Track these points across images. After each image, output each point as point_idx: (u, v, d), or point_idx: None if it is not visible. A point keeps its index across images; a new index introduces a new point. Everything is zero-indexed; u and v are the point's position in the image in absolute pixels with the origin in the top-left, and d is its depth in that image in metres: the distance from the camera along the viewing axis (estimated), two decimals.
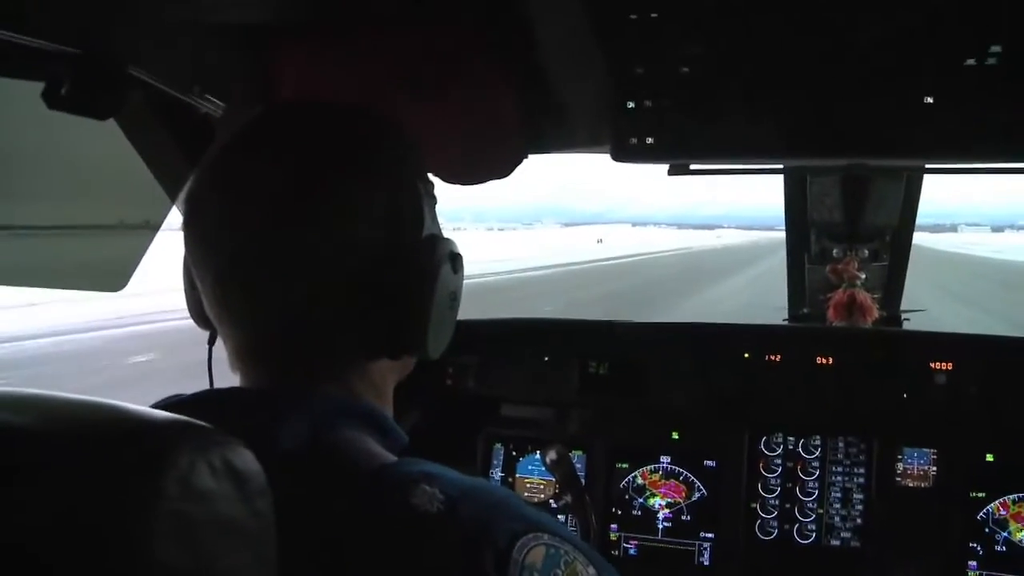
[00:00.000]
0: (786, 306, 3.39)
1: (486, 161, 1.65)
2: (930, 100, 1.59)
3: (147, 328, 17.17)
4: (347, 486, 0.99)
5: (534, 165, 1.82)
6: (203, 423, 0.77)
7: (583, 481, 2.36)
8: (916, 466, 2.31)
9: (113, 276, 1.90)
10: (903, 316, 3.19)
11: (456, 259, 1.15)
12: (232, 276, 1.08)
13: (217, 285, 1.09)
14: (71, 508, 0.69)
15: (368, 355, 1.13)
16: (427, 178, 1.19)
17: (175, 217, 1.88)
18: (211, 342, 1.25)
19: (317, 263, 1.06)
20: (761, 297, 17.43)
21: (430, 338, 1.12)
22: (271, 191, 1.06)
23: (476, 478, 1.05)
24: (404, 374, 1.24)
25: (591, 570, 0.98)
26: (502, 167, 1.67)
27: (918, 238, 3.19)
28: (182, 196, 1.74)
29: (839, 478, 2.37)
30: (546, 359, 2.50)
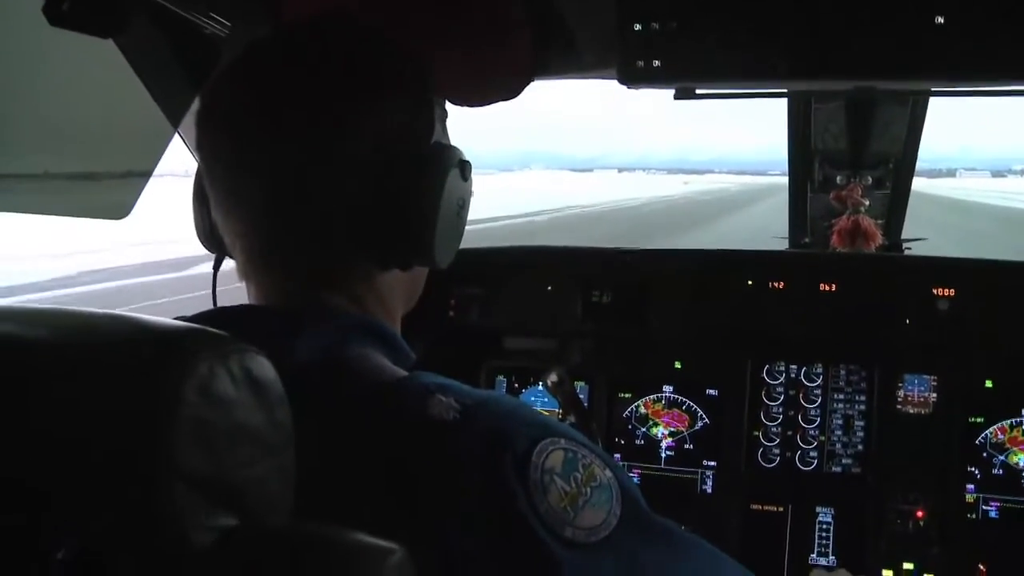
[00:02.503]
0: (786, 235, 3.40)
1: (493, 82, 1.63)
2: (941, 20, 1.57)
3: None
4: (363, 398, 1.00)
5: (524, 104, 1.80)
6: (220, 332, 0.77)
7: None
8: (916, 392, 2.33)
9: (117, 205, 1.89)
10: (904, 245, 3.20)
11: (464, 166, 1.16)
12: (243, 183, 1.09)
13: (228, 179, 1.11)
14: (90, 416, 0.70)
15: (377, 264, 1.14)
16: (437, 94, 1.19)
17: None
18: (217, 265, 1.25)
19: (328, 165, 1.07)
20: None
21: (437, 244, 1.12)
22: (284, 99, 1.08)
23: (488, 390, 1.06)
24: (413, 297, 1.25)
25: (607, 472, 1.00)
26: (509, 89, 1.66)
27: (914, 184, 3.18)
28: (187, 121, 1.74)
29: (840, 405, 2.39)
30: (549, 288, 2.50)
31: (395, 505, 0.93)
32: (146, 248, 18.44)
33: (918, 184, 3.25)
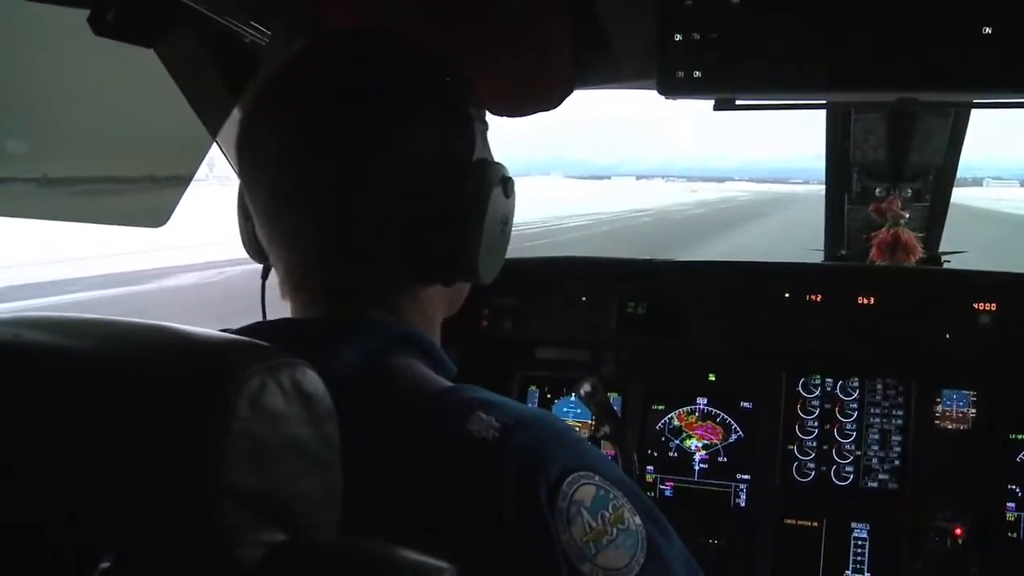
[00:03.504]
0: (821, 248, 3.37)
1: (534, 93, 1.63)
2: (988, 30, 1.55)
3: None
4: (404, 411, 1.00)
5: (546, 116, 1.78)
6: (267, 344, 0.76)
7: None
8: (956, 408, 2.30)
9: (155, 212, 1.90)
10: (943, 257, 3.16)
11: (507, 183, 1.15)
12: (286, 200, 1.09)
13: (271, 214, 1.10)
14: (139, 430, 0.69)
15: (420, 281, 1.14)
16: (478, 105, 1.19)
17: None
18: (264, 275, 1.25)
19: (370, 187, 1.06)
20: None
21: (482, 262, 1.12)
22: (326, 116, 1.07)
23: (536, 408, 1.05)
24: (454, 307, 1.25)
25: (637, 519, 0.98)
26: (550, 99, 1.65)
27: None
28: (226, 129, 1.74)
29: (877, 420, 2.36)
30: (584, 299, 2.49)
31: (433, 520, 0.93)
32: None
33: None
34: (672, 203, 62.16)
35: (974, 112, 2.72)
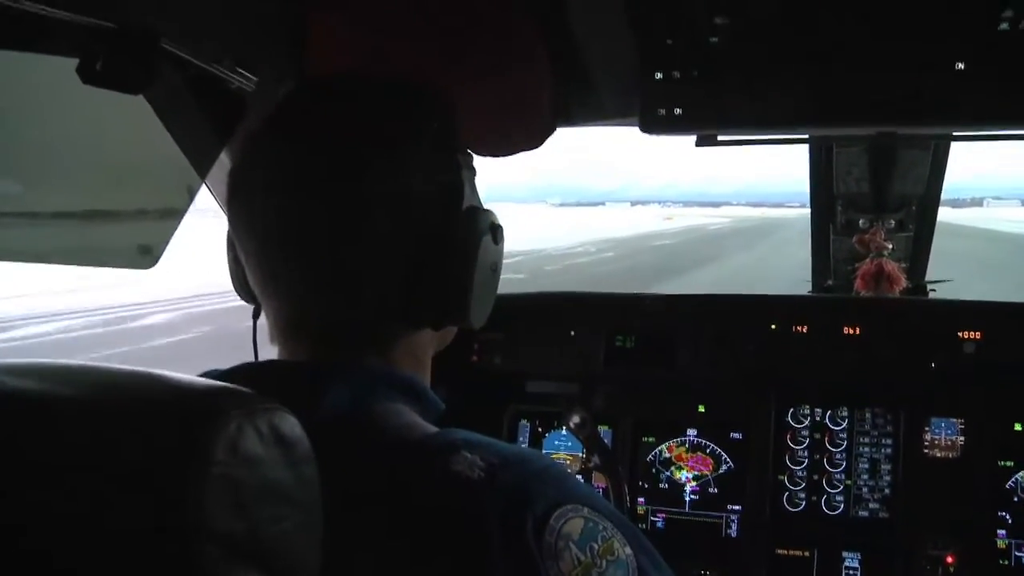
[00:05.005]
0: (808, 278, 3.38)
1: (517, 133, 1.65)
2: (961, 66, 1.58)
3: None
4: (388, 454, 1.00)
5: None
6: (247, 390, 0.77)
7: None
8: (944, 436, 2.31)
9: (144, 254, 1.91)
10: (929, 287, 3.18)
11: (496, 230, 1.17)
12: (276, 250, 1.10)
13: (262, 260, 1.11)
14: (121, 475, 0.70)
15: (410, 326, 1.15)
16: (465, 150, 1.20)
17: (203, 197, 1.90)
18: (256, 316, 1.26)
19: (360, 236, 1.08)
20: None
21: (472, 308, 1.13)
22: (313, 168, 1.08)
23: (521, 447, 1.05)
24: (444, 344, 1.26)
25: (627, 550, 0.99)
26: (533, 139, 1.67)
27: (940, 214, 3.17)
28: (214, 172, 1.76)
29: (866, 449, 2.37)
30: (572, 333, 2.50)
31: (422, 562, 0.93)
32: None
33: (943, 215, 3.21)
34: (635, 233, 55.57)
35: (962, 141, 2.75)
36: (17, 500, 0.72)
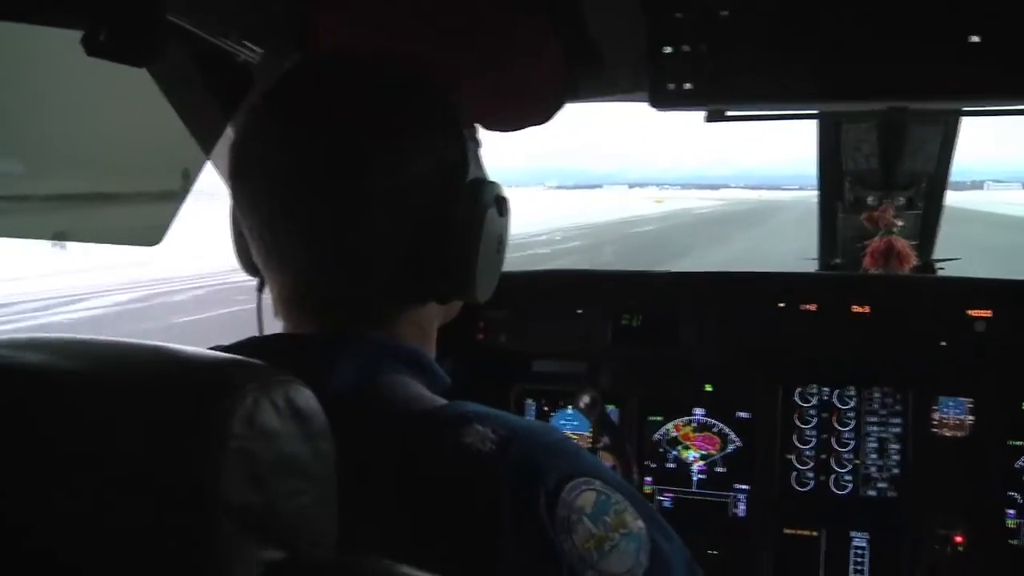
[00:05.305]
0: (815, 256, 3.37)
1: (525, 107, 1.64)
2: (976, 39, 1.56)
3: None
4: (398, 428, 1.00)
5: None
6: (260, 362, 0.76)
7: None
8: (952, 415, 2.30)
9: (150, 231, 1.90)
10: (937, 265, 3.16)
11: (502, 202, 1.16)
12: (280, 224, 1.09)
13: (265, 234, 1.10)
14: (138, 450, 0.69)
15: (416, 299, 1.14)
16: (472, 122, 1.19)
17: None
18: (260, 289, 1.25)
19: (364, 210, 1.06)
20: None
21: (478, 281, 1.12)
22: (318, 140, 1.07)
23: (531, 420, 1.05)
24: (449, 318, 1.25)
25: (639, 523, 0.98)
26: (541, 114, 1.66)
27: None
28: (219, 148, 1.75)
29: (875, 428, 2.36)
30: (579, 311, 2.50)
31: (431, 535, 0.93)
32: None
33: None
34: (615, 218, 50.72)
35: (973, 116, 2.73)
36: (25, 476, 0.72)
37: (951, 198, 3.19)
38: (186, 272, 18.33)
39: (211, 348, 1.06)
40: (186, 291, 17.07)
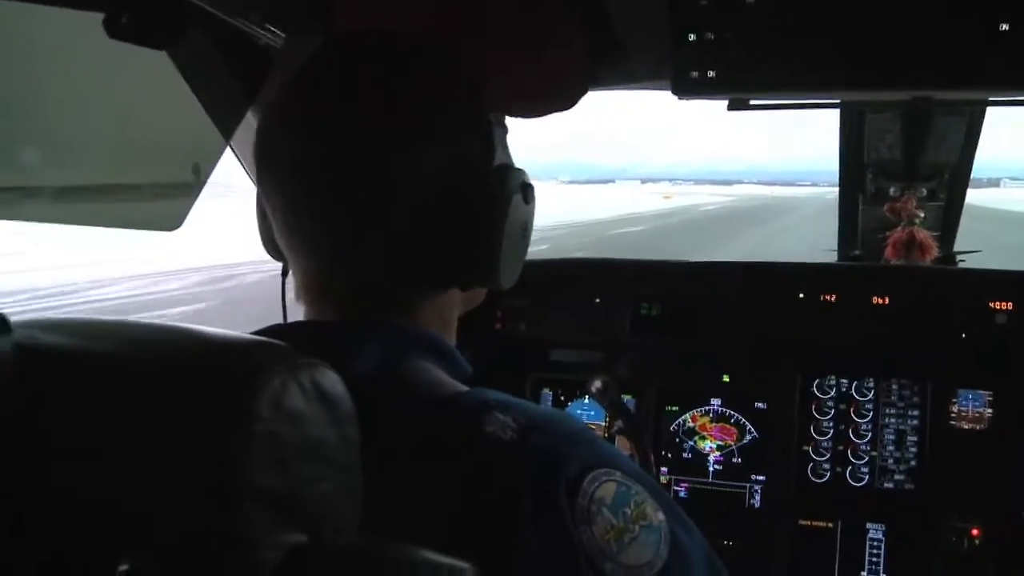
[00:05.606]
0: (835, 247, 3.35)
1: (549, 94, 1.63)
2: (1005, 27, 1.54)
3: None
4: (420, 413, 0.99)
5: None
6: (285, 344, 0.76)
7: None
8: (971, 408, 2.28)
9: (170, 216, 1.91)
10: (958, 257, 3.14)
11: (527, 189, 1.14)
12: (303, 207, 1.08)
13: (289, 215, 1.09)
14: (165, 431, 0.69)
15: (438, 286, 1.13)
16: (497, 108, 1.18)
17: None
18: (284, 273, 1.25)
19: (389, 195, 1.06)
20: None
21: (502, 268, 1.11)
22: (344, 125, 1.06)
23: (552, 409, 1.04)
24: (472, 305, 1.25)
25: (660, 515, 0.98)
26: (565, 100, 1.65)
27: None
28: (239, 133, 1.75)
29: (892, 420, 2.35)
30: (597, 300, 2.49)
31: (451, 521, 0.92)
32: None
33: None
34: (607, 216, 46.99)
35: (990, 113, 2.70)
36: (51, 456, 0.72)
37: (968, 195, 3.16)
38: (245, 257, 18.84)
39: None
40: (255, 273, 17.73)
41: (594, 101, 1.94)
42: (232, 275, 17.93)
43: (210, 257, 19.83)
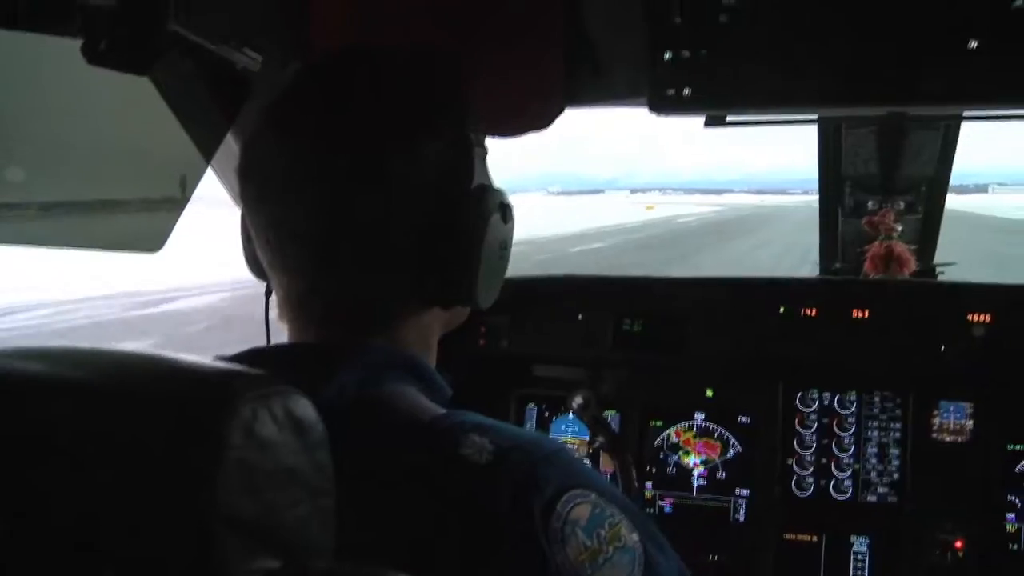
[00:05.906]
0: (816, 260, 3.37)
1: (525, 113, 1.64)
2: (974, 44, 1.56)
3: None
4: (397, 437, 1.00)
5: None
6: (260, 371, 0.76)
7: None
8: (953, 420, 2.30)
9: (151, 237, 1.91)
10: (937, 269, 3.16)
11: (506, 209, 1.16)
12: (287, 227, 1.09)
13: (270, 233, 1.10)
14: (131, 460, 0.69)
15: (418, 305, 1.14)
16: (477, 128, 1.19)
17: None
18: (268, 294, 1.26)
19: (370, 215, 1.07)
20: None
21: (480, 288, 1.13)
22: (325, 145, 1.07)
23: (529, 431, 1.05)
24: (452, 326, 1.25)
25: (634, 536, 0.98)
26: (541, 120, 1.66)
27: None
28: (219, 154, 1.75)
29: (875, 433, 2.36)
30: (580, 316, 2.49)
31: (428, 545, 0.93)
32: None
33: (947, 202, 3.20)
34: (572, 230, 43.80)
35: (973, 122, 2.73)
36: (23, 485, 0.72)
37: (953, 201, 3.19)
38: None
39: (216, 358, 1.07)
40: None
41: (584, 112, 1.96)
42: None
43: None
